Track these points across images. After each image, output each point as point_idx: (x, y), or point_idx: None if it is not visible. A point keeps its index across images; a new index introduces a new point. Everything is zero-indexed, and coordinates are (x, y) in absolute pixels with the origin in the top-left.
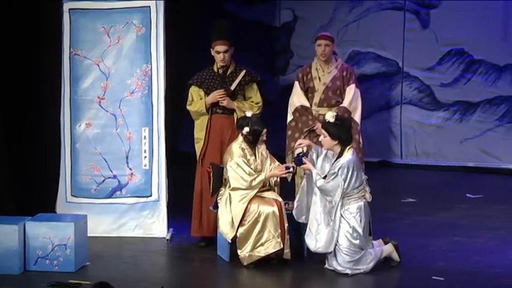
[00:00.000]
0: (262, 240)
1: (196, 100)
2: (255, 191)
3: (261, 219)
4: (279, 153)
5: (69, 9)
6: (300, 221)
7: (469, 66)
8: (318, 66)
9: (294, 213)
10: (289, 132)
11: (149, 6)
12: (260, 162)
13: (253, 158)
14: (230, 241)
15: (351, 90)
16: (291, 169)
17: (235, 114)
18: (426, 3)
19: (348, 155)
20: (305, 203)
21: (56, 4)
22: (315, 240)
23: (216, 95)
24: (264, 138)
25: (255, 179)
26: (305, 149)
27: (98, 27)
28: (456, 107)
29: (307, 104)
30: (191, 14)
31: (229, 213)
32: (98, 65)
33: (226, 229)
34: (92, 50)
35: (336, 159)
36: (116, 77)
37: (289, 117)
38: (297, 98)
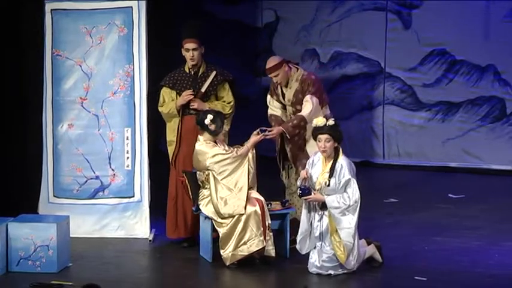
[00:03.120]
0: (245, 239)
1: (168, 102)
2: (245, 159)
3: (243, 218)
4: (261, 152)
5: (51, 9)
6: (303, 252)
7: (451, 67)
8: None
9: (297, 247)
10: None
11: (131, 7)
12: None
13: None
14: (244, 210)
15: (308, 102)
16: (266, 132)
17: None
18: (408, 3)
19: (343, 156)
20: (308, 234)
21: (38, 5)
22: (354, 260)
23: (185, 96)
24: (225, 127)
25: (236, 151)
26: (305, 182)
27: (80, 28)
28: (438, 107)
29: (275, 112)
30: (170, 14)
31: (230, 193)
32: (80, 66)
33: (232, 207)
34: (74, 50)
35: (332, 164)
36: (98, 78)
37: None
38: (269, 109)
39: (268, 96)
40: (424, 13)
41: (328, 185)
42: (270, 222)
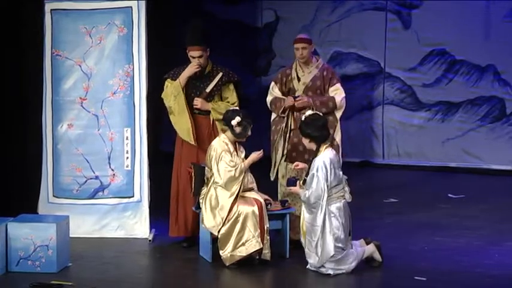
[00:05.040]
0: (243, 240)
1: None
2: (240, 177)
3: (241, 219)
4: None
5: (51, 9)
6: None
7: (450, 67)
8: (298, 68)
9: (302, 240)
10: (273, 128)
11: (131, 7)
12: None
13: (234, 153)
14: (217, 233)
15: (339, 90)
16: (297, 98)
17: (211, 115)
18: (408, 3)
19: (326, 152)
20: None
21: (37, 5)
22: (321, 261)
23: (192, 67)
24: (249, 133)
25: (236, 169)
26: (300, 173)
27: (80, 28)
28: (438, 107)
29: (277, 95)
30: (170, 14)
31: (215, 208)
32: (80, 66)
33: (211, 223)
34: (74, 50)
35: (312, 158)
36: (97, 78)
37: (273, 115)
38: (270, 95)
39: (272, 83)
40: (424, 13)
41: (304, 182)
42: (268, 225)
